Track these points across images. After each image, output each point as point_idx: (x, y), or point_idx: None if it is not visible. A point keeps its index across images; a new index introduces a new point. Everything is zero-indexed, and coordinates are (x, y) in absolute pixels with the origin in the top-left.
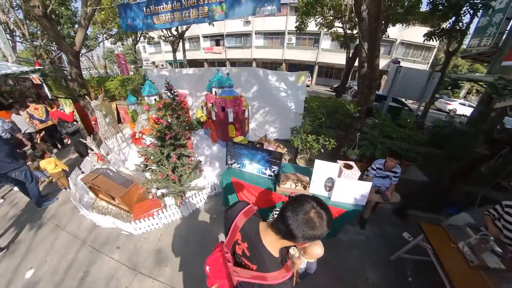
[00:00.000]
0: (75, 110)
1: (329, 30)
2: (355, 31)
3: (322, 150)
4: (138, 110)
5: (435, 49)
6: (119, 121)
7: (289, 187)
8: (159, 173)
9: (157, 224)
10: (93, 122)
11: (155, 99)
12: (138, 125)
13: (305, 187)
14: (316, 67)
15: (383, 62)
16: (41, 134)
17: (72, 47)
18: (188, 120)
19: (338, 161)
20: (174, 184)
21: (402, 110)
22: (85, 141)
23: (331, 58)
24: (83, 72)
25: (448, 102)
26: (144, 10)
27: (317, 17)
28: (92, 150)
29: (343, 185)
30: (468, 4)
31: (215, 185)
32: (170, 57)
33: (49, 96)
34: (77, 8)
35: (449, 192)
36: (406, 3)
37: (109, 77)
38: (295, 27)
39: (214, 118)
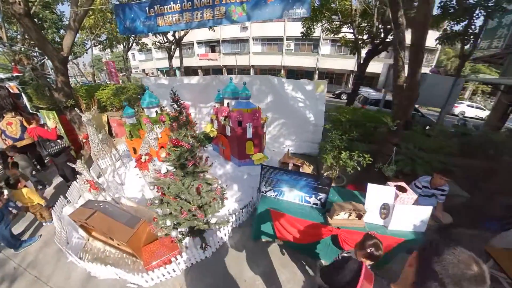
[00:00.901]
0: (58, 124)
1: (335, 36)
2: (361, 36)
3: (359, 168)
4: (145, 124)
5: (438, 52)
6: (110, 134)
7: (341, 217)
8: (182, 211)
9: (174, 271)
10: (83, 140)
11: (156, 111)
12: (144, 146)
13: (360, 217)
14: (316, 73)
15: None
16: (13, 157)
17: (59, 52)
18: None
19: (388, 182)
20: (199, 222)
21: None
22: (73, 165)
23: (332, 64)
24: (69, 80)
25: (456, 104)
26: (147, 10)
27: (323, 22)
28: (81, 174)
29: (402, 211)
30: (481, 6)
31: (239, 214)
32: (161, 65)
33: (28, 107)
34: (63, 12)
35: (489, 206)
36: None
37: (100, 86)
38: (301, 33)
39: (229, 133)
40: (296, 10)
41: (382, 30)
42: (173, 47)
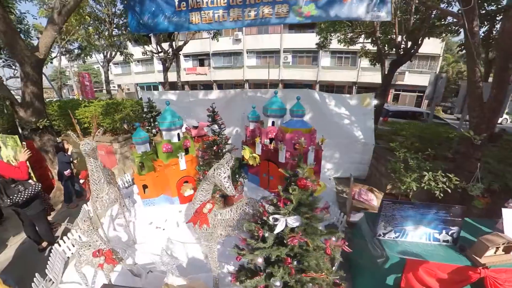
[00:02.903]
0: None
1: (349, 47)
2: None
3: (449, 190)
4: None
5: (440, 58)
6: None
7: (489, 254)
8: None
9: None
10: (82, 180)
11: (178, 134)
12: (202, 193)
13: (509, 250)
14: (317, 86)
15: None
16: None
17: (33, 52)
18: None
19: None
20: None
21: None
22: (69, 225)
23: (332, 76)
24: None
25: None
26: (176, 3)
27: (343, 32)
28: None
29: None
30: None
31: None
32: (142, 80)
33: None
34: (24, 13)
35: None
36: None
37: (80, 102)
38: (316, 44)
39: (282, 160)
40: (376, 13)
41: (404, 41)
42: (169, 58)
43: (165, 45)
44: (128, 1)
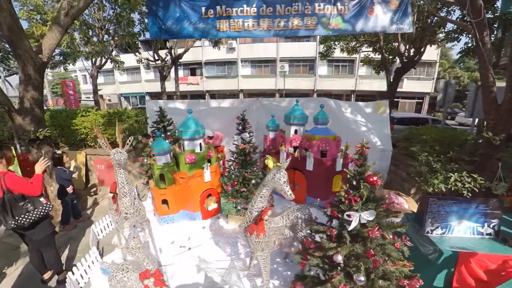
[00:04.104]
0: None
1: (350, 55)
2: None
3: (477, 190)
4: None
5: (437, 64)
6: (87, 182)
7: None
8: None
9: None
10: (111, 194)
11: (200, 144)
12: (261, 199)
13: None
14: (315, 95)
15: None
16: None
17: (37, 54)
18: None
19: None
20: None
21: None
22: (114, 243)
23: (330, 85)
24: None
25: None
26: (203, 11)
27: (346, 42)
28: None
29: None
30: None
31: None
32: (127, 90)
33: None
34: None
35: None
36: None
37: (75, 111)
38: (319, 53)
39: (310, 168)
40: (399, 25)
41: (407, 49)
42: (166, 66)
43: (162, 53)
44: (150, 6)
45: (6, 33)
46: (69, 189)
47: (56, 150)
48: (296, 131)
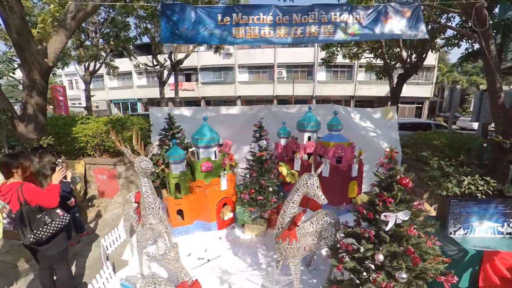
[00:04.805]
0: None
1: (352, 61)
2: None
3: (491, 193)
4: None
5: (435, 69)
6: (85, 192)
7: None
8: None
9: None
10: (135, 204)
11: (215, 152)
12: (293, 205)
13: None
14: (314, 101)
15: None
16: None
17: (43, 58)
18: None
19: None
20: None
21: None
22: (155, 254)
23: (329, 90)
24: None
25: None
26: (219, 18)
27: (348, 48)
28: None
29: None
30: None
31: None
32: (117, 96)
33: None
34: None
35: None
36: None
37: (76, 118)
38: (321, 59)
39: (326, 174)
40: (414, 32)
41: (409, 55)
42: (165, 71)
43: (160, 58)
44: (163, 10)
45: (14, 36)
46: (71, 202)
47: (59, 160)
48: (309, 138)
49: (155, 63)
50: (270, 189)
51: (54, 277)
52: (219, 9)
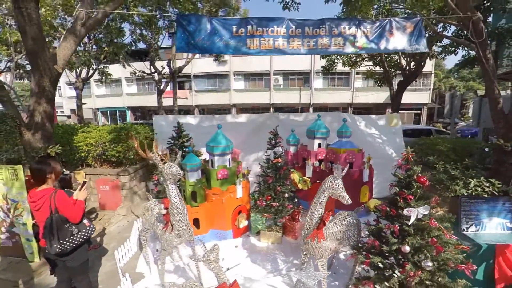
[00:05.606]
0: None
1: (351, 69)
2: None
3: (497, 194)
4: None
5: (432, 75)
6: None
7: None
8: None
9: None
10: (164, 211)
11: (229, 160)
12: (321, 206)
13: None
14: (311, 109)
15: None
16: None
17: (53, 65)
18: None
19: None
20: None
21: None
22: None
23: (326, 98)
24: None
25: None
26: (234, 29)
27: (347, 56)
28: None
29: None
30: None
31: None
32: (104, 104)
33: None
34: None
35: None
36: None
37: (77, 126)
38: (322, 67)
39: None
40: (415, 46)
41: (408, 63)
42: (163, 79)
43: (157, 65)
44: (179, 20)
45: (30, 43)
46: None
47: (65, 170)
48: (319, 145)
49: (153, 70)
50: (286, 195)
51: None
52: (234, 21)
